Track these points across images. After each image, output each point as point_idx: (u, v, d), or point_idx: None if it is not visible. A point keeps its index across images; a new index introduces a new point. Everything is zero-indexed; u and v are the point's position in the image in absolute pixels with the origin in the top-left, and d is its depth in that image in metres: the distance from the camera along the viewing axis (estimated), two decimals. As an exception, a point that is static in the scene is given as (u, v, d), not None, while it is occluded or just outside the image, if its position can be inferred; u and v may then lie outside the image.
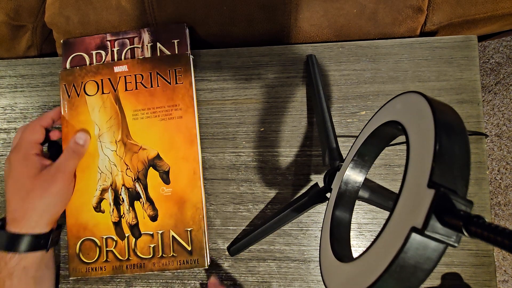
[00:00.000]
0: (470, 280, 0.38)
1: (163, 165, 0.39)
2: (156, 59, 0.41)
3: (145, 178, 0.40)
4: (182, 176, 0.39)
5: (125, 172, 0.40)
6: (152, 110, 0.40)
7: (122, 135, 0.40)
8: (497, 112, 1.02)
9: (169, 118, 0.40)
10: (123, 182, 0.40)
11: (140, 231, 0.39)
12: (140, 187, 0.40)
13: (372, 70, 0.41)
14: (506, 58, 1.02)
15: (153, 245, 0.39)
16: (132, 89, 0.41)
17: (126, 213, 0.39)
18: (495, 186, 0.99)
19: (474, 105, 0.40)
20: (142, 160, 0.40)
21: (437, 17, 0.43)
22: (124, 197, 0.40)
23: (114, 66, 0.41)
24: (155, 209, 0.39)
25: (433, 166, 0.16)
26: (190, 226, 0.38)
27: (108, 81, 0.41)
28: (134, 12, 0.42)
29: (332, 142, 0.35)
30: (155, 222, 0.39)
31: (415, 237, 0.15)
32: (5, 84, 0.44)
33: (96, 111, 0.41)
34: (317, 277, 0.39)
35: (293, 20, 0.41)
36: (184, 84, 0.40)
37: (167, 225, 0.39)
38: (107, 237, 0.39)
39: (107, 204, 0.40)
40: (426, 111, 0.19)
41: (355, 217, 0.39)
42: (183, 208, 0.39)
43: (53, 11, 0.43)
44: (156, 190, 0.39)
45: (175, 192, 0.39)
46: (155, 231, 0.39)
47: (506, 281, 0.95)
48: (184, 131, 0.40)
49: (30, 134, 0.37)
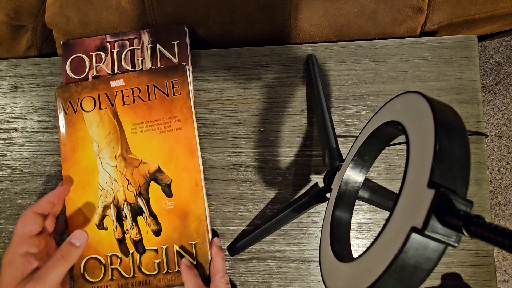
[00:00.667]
0: (470, 280, 0.38)
1: (165, 178, 0.39)
2: (152, 71, 0.41)
3: (147, 193, 0.39)
4: (184, 188, 0.39)
5: (127, 187, 0.39)
6: (150, 123, 0.40)
7: (121, 150, 0.40)
8: (497, 112, 1.02)
9: (168, 130, 0.39)
10: (125, 197, 0.39)
11: (144, 247, 0.38)
12: (142, 201, 0.39)
13: (372, 70, 0.41)
14: (506, 58, 1.02)
15: (158, 261, 0.38)
16: (129, 103, 0.40)
17: (130, 229, 0.39)
18: (495, 186, 0.99)
19: (474, 105, 0.40)
20: (143, 174, 0.39)
21: (437, 17, 0.43)
22: (126, 212, 0.39)
23: (110, 81, 0.41)
24: (158, 224, 0.38)
25: (433, 166, 0.16)
26: (195, 239, 0.38)
27: (105, 96, 0.41)
28: (134, 12, 0.42)
29: (332, 142, 0.35)
30: (158, 237, 0.38)
31: (415, 237, 0.15)
32: (5, 84, 0.44)
33: (94, 127, 0.40)
34: (317, 277, 0.39)
35: (293, 20, 0.41)
36: (181, 95, 0.40)
37: (171, 240, 0.38)
38: (111, 255, 0.38)
39: (110, 220, 0.39)
40: (426, 111, 0.18)
41: (355, 217, 0.39)
42: (186, 221, 0.38)
43: (53, 11, 0.43)
44: (159, 204, 0.39)
45: (177, 205, 0.38)
46: (159, 246, 0.38)
47: (506, 281, 0.95)
48: (184, 142, 0.39)
49: (21, 226, 0.33)
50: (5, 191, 0.43)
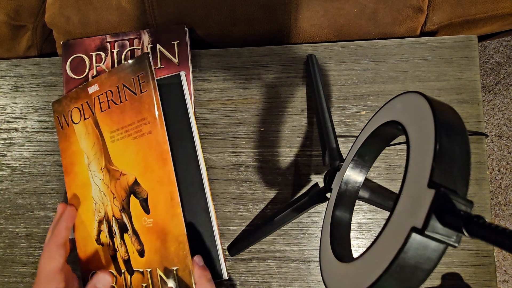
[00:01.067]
0: (470, 280, 0.38)
1: (142, 192, 0.34)
2: (119, 69, 0.36)
3: (128, 208, 0.35)
4: (160, 204, 0.34)
5: (113, 201, 0.36)
6: (125, 129, 0.35)
7: (105, 161, 0.36)
8: (497, 112, 1.01)
9: (140, 135, 0.35)
10: (112, 212, 0.36)
11: (132, 268, 0.35)
12: (126, 217, 0.35)
13: (372, 70, 0.41)
14: (506, 58, 1.02)
15: (145, 285, 0.34)
16: (105, 109, 0.36)
17: (119, 247, 0.35)
18: (495, 186, 0.99)
19: (474, 105, 0.39)
20: (124, 187, 0.35)
21: (437, 17, 0.43)
22: (115, 228, 0.36)
23: (87, 88, 0.38)
24: (141, 243, 0.34)
25: (433, 166, 0.16)
26: (175, 264, 0.33)
27: (87, 105, 0.38)
28: (134, 12, 0.42)
29: (332, 142, 0.35)
30: (143, 258, 0.34)
31: (415, 237, 0.15)
32: (5, 84, 0.44)
33: (83, 139, 0.38)
34: (317, 277, 0.39)
35: (293, 20, 0.41)
36: (148, 92, 0.35)
37: (154, 262, 0.34)
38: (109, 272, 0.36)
39: (105, 236, 0.37)
40: (426, 111, 0.18)
41: (355, 217, 0.39)
42: (166, 241, 0.33)
43: (53, 11, 0.43)
44: (139, 221, 0.34)
45: (156, 223, 0.34)
46: (144, 268, 0.34)
47: (507, 281, 0.95)
48: (155, 148, 0.34)
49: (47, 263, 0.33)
50: (5, 191, 0.43)
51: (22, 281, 0.42)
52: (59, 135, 0.40)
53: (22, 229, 0.42)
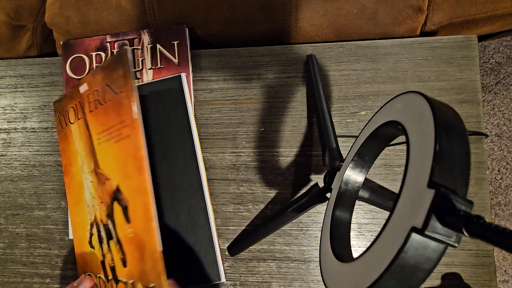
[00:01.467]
0: (470, 280, 0.38)
1: (123, 199, 0.32)
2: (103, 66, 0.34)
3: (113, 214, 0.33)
4: (138, 214, 0.31)
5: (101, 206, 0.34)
6: (108, 131, 0.33)
7: (94, 164, 0.35)
8: (497, 112, 1.01)
9: (121, 138, 0.32)
10: (100, 217, 0.35)
11: (117, 276, 0.33)
12: (111, 224, 0.34)
13: (372, 70, 0.41)
14: (506, 58, 1.02)
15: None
16: (93, 109, 0.35)
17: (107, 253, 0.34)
18: (495, 186, 0.99)
19: (474, 105, 0.39)
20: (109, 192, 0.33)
21: (437, 17, 0.43)
22: (103, 234, 0.34)
23: (79, 87, 0.36)
24: (123, 253, 0.33)
25: (433, 166, 0.16)
26: (152, 281, 0.30)
27: (79, 105, 0.36)
28: (134, 12, 0.42)
29: (332, 142, 0.35)
30: (126, 268, 0.32)
31: (415, 237, 0.15)
32: (5, 84, 0.44)
33: (77, 139, 0.37)
34: (317, 277, 0.39)
35: (293, 20, 0.41)
36: (125, 92, 0.32)
37: (135, 275, 0.31)
38: (99, 276, 0.35)
39: (96, 240, 0.35)
40: (426, 111, 0.18)
41: (355, 217, 0.39)
42: (144, 255, 0.31)
43: (53, 11, 0.43)
44: (122, 230, 0.32)
45: (135, 233, 0.31)
46: (128, 279, 0.32)
47: (507, 281, 0.95)
48: (133, 154, 0.31)
49: None
50: (5, 191, 0.43)
51: (22, 281, 0.42)
52: (59, 134, 0.40)
53: (22, 229, 0.42)
